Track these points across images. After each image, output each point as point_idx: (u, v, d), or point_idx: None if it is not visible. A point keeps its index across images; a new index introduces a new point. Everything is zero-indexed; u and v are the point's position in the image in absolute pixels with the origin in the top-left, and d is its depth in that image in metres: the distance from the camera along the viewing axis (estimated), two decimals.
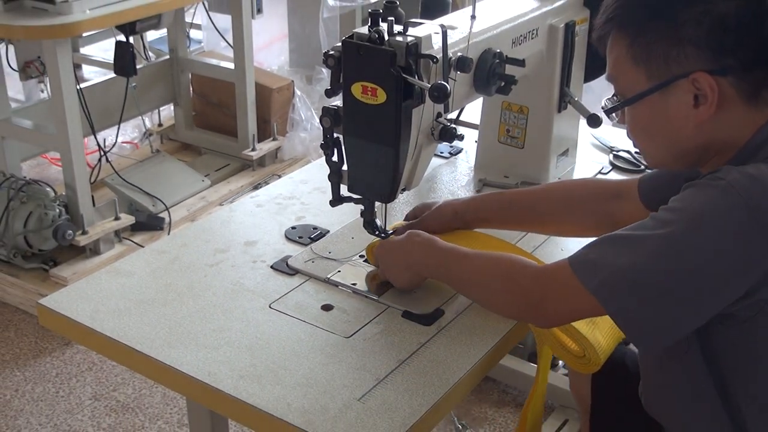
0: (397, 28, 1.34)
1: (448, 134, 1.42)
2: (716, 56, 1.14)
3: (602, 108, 1.29)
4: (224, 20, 3.88)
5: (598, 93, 4.28)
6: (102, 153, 3.42)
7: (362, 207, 1.51)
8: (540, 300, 1.24)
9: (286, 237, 1.66)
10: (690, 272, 1.10)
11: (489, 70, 1.51)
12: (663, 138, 1.22)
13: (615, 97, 1.26)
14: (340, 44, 1.36)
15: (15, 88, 4.03)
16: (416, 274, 1.43)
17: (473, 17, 1.52)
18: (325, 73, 4.10)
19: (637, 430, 1.51)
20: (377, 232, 1.53)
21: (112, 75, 3.46)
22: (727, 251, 1.09)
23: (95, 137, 3.37)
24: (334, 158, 1.47)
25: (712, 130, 1.18)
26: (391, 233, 1.55)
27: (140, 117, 3.84)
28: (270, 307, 1.44)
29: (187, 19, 3.92)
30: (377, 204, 1.52)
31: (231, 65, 3.69)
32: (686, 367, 1.24)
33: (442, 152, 2.02)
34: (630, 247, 1.14)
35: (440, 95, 1.28)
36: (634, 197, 1.49)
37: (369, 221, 1.52)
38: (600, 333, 1.40)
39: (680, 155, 1.24)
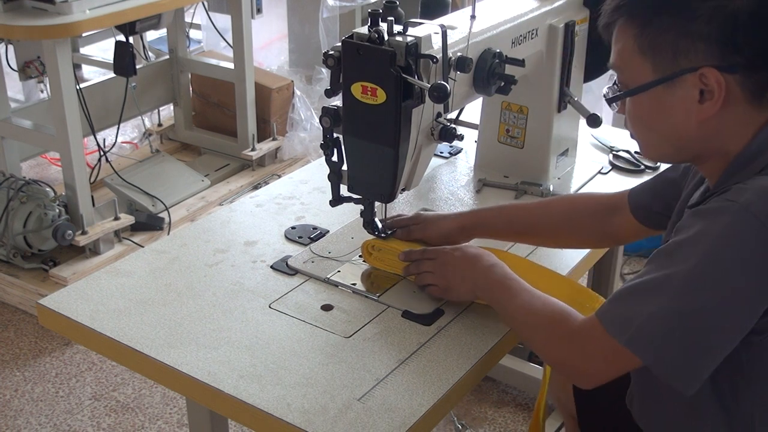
0: (397, 28, 1.34)
1: (448, 134, 1.42)
2: (725, 53, 1.13)
3: (603, 96, 1.28)
4: (224, 20, 3.88)
5: (598, 93, 4.29)
6: (102, 153, 3.42)
7: (362, 207, 1.52)
8: (580, 365, 1.22)
9: (286, 237, 1.66)
10: (717, 304, 1.08)
11: (489, 70, 1.51)
12: (664, 130, 1.22)
13: (616, 86, 1.25)
14: (339, 44, 1.36)
15: (14, 88, 4.03)
16: (471, 293, 1.41)
17: (473, 17, 1.52)
18: (325, 73, 4.10)
19: (626, 427, 1.51)
20: (377, 233, 1.54)
21: (112, 75, 3.46)
22: (750, 275, 1.07)
23: (95, 137, 3.37)
24: (334, 158, 1.47)
25: (714, 127, 1.18)
26: (391, 233, 1.55)
27: (140, 117, 3.84)
28: (270, 307, 1.44)
29: (187, 19, 3.92)
30: (377, 204, 1.52)
31: (231, 65, 3.69)
32: None
33: (441, 152, 2.02)
34: (653, 293, 1.12)
35: (440, 95, 1.28)
36: (627, 211, 1.50)
37: (369, 221, 1.52)
38: None
39: (679, 148, 1.23)
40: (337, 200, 1.52)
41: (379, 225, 1.54)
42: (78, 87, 3.04)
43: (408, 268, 1.48)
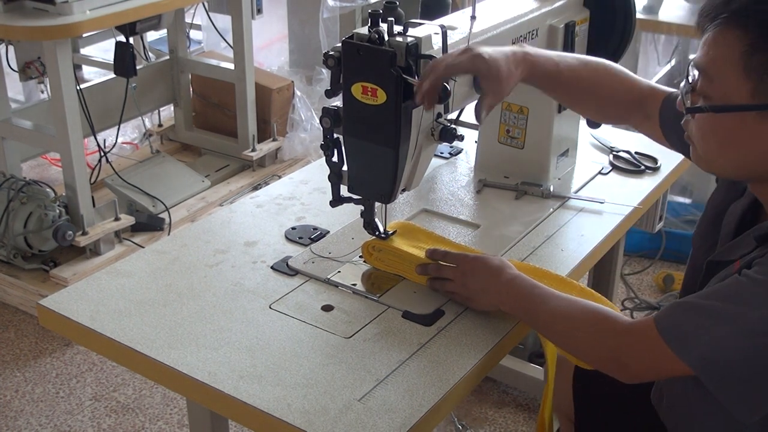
0: (397, 28, 1.34)
1: (449, 135, 1.42)
2: None
3: (680, 96, 1.20)
4: (224, 21, 3.88)
5: None
6: (102, 153, 3.42)
7: (362, 207, 1.52)
8: (626, 360, 1.23)
9: (286, 237, 1.66)
10: None
11: None
12: (737, 155, 1.16)
13: (688, 80, 1.17)
14: (339, 44, 1.36)
15: (15, 88, 4.03)
16: (494, 305, 1.40)
17: (473, 18, 1.52)
18: (325, 73, 4.10)
19: (625, 428, 1.51)
20: (377, 233, 1.54)
21: (112, 75, 3.46)
22: None
23: (95, 138, 3.37)
24: (334, 159, 1.47)
25: None
26: (392, 233, 1.55)
27: (140, 117, 3.84)
28: (270, 307, 1.44)
29: (187, 20, 3.92)
30: (377, 204, 1.52)
31: (231, 66, 3.69)
32: None
33: (442, 152, 2.02)
34: (725, 325, 1.11)
35: (442, 96, 1.28)
36: (654, 116, 1.46)
37: (369, 222, 1.52)
38: None
39: (747, 172, 1.19)
40: (337, 201, 1.52)
41: (380, 226, 1.54)
42: (78, 87, 3.04)
43: (426, 269, 1.47)
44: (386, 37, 1.32)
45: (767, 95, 1.09)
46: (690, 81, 1.18)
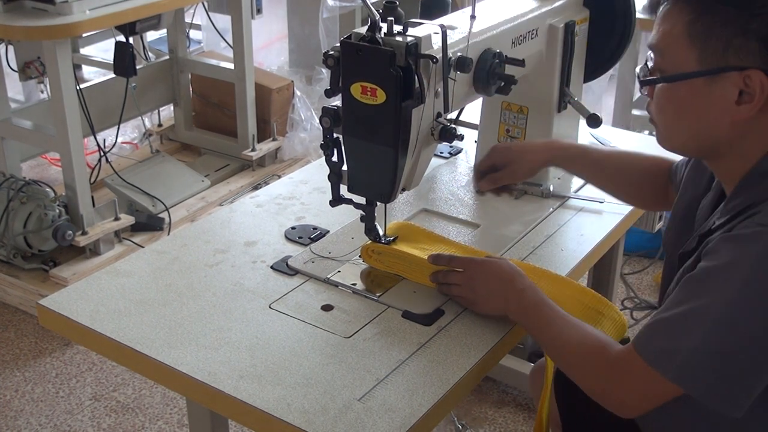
0: (397, 28, 1.34)
1: (448, 134, 1.42)
2: None
3: (637, 76, 1.24)
4: (224, 20, 3.88)
5: (598, 93, 4.28)
6: (102, 153, 3.42)
7: (362, 213, 1.51)
8: (619, 395, 1.22)
9: (286, 237, 1.66)
10: (762, 330, 1.08)
11: (489, 70, 1.51)
12: (692, 124, 1.19)
13: (647, 65, 1.21)
14: (339, 44, 1.36)
15: (15, 88, 4.03)
16: (500, 310, 1.39)
17: (473, 17, 1.52)
18: (325, 73, 4.10)
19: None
20: (378, 239, 1.53)
21: (112, 75, 3.46)
22: None
23: (95, 137, 3.37)
24: (334, 158, 1.47)
25: (745, 131, 1.15)
26: (392, 240, 1.54)
27: (140, 117, 3.84)
28: (270, 307, 1.44)
29: (187, 20, 3.92)
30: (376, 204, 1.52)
31: (231, 65, 3.69)
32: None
33: (441, 152, 2.02)
34: (693, 325, 1.11)
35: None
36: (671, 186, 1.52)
37: (370, 228, 1.52)
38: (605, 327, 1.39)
39: (703, 145, 1.20)
40: (337, 200, 1.52)
41: (380, 231, 1.54)
42: (78, 87, 3.04)
43: (435, 275, 1.46)
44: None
45: (712, 60, 1.13)
46: (648, 65, 1.23)
